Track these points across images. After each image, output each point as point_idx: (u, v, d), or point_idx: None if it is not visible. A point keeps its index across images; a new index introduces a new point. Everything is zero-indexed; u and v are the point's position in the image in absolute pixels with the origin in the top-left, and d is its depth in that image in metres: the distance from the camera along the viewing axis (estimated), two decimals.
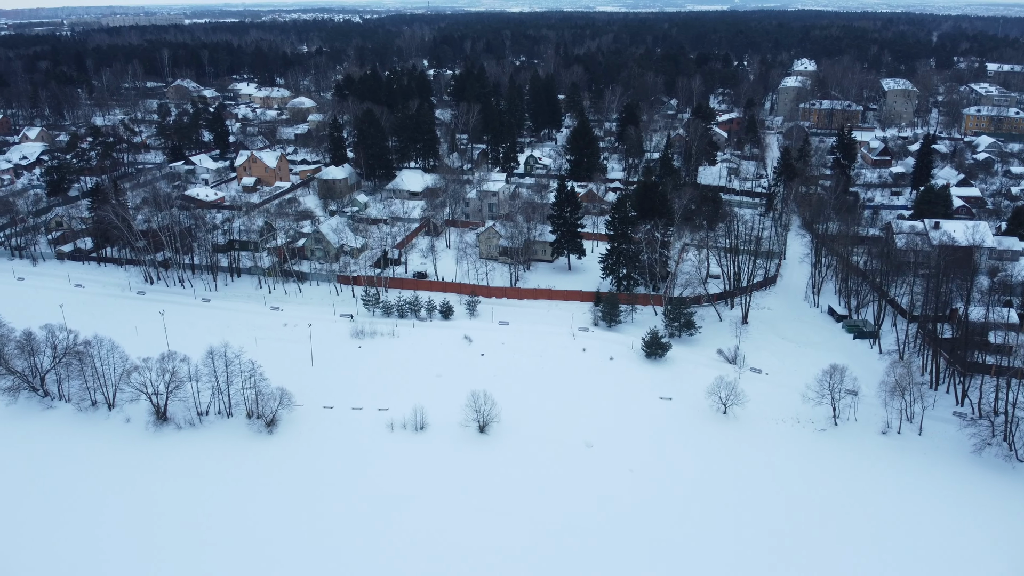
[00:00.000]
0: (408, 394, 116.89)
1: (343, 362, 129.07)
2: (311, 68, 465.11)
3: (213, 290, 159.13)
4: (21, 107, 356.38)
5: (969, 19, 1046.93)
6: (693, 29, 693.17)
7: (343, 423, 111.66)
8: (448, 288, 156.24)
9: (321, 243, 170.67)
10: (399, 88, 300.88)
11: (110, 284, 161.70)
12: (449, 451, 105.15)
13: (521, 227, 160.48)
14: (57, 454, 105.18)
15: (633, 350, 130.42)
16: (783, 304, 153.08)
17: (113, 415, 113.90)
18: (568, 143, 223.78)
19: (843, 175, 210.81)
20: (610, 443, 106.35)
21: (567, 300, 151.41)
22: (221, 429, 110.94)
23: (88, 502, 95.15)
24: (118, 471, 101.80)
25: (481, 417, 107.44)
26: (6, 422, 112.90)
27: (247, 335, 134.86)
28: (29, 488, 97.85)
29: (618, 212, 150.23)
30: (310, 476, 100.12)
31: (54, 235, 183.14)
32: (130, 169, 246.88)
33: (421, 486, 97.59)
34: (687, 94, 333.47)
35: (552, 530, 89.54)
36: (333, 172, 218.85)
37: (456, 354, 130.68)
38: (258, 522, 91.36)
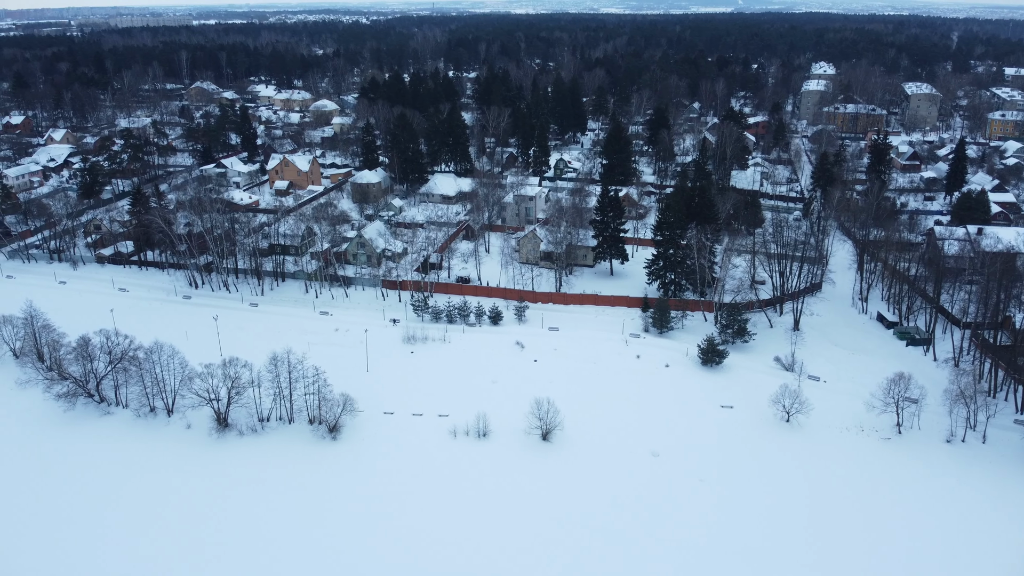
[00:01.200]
0: (466, 400, 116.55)
1: (397, 367, 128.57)
2: (329, 70, 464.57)
3: (260, 294, 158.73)
4: (43, 109, 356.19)
5: (979, 22, 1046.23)
6: (706, 32, 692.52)
7: (405, 429, 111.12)
8: (493, 293, 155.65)
9: (364, 247, 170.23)
10: (426, 91, 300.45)
11: (154, 288, 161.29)
12: (513, 458, 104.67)
13: (564, 232, 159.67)
14: (117, 460, 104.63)
15: (688, 357, 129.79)
16: (831, 310, 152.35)
17: (173, 421, 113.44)
18: (602, 147, 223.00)
19: (879, 180, 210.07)
20: (676, 452, 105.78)
21: (614, 306, 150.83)
22: (284, 435, 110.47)
23: (152, 508, 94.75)
24: (182, 477, 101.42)
25: (544, 424, 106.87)
26: (65, 428, 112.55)
27: (299, 340, 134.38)
28: (91, 494, 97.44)
29: (666, 217, 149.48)
30: (377, 482, 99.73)
31: (92, 238, 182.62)
32: (159, 172, 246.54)
33: (487, 493, 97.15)
34: (710, 97, 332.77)
35: (624, 539, 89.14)
36: (367, 176, 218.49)
37: (509, 360, 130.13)
38: (327, 528, 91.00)
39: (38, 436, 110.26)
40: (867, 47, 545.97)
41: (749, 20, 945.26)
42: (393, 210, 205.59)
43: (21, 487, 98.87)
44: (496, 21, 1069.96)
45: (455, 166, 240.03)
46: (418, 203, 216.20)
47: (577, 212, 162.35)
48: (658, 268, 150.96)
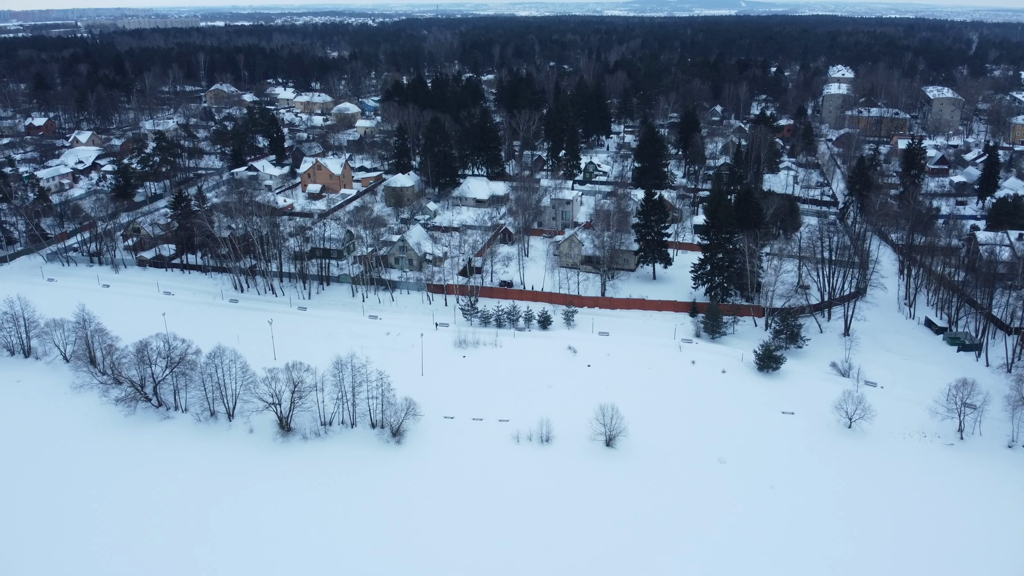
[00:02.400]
0: (524, 405, 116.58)
1: (451, 372, 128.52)
2: (346, 73, 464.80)
3: (307, 298, 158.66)
4: (66, 110, 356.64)
5: (987, 25, 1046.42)
6: (718, 35, 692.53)
7: (467, 434, 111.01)
8: (538, 297, 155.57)
9: (406, 251, 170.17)
10: (453, 95, 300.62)
11: (200, 291, 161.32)
12: (578, 464, 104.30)
13: (605, 235, 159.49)
14: (182, 464, 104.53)
15: (744, 363, 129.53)
16: (878, 315, 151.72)
17: (234, 426, 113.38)
18: (635, 150, 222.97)
19: (913, 185, 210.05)
20: (742, 458, 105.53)
21: (661, 310, 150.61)
22: (348, 439, 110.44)
23: (220, 512, 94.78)
24: (249, 481, 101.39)
25: (609, 430, 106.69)
26: (126, 432, 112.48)
27: (352, 344, 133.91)
28: (157, 497, 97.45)
29: (714, 220, 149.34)
30: (444, 486, 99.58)
31: (131, 241, 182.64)
32: (190, 174, 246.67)
33: (554, 499, 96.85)
34: (733, 101, 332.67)
35: (695, 545, 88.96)
36: (401, 180, 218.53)
37: (562, 365, 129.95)
38: (396, 532, 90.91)
39: (101, 440, 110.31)
40: (882, 50, 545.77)
41: (759, 23, 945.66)
42: (428, 214, 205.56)
43: (89, 491, 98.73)
44: (503, 23, 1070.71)
45: (486, 170, 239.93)
46: (451, 207, 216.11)
47: (623, 215, 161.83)
48: (705, 272, 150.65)
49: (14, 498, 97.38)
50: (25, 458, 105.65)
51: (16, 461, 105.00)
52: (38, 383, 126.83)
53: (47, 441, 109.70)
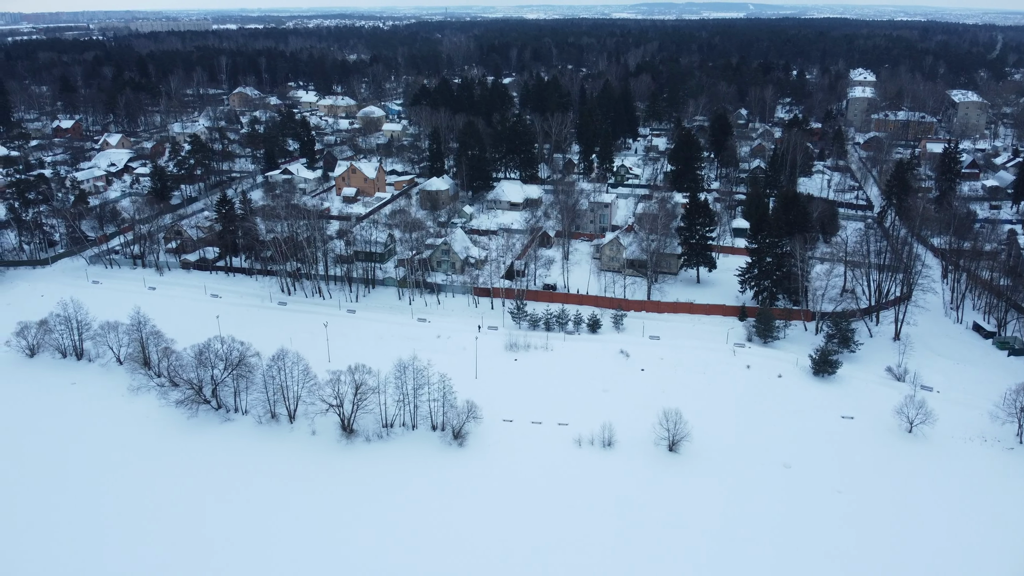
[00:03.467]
0: (581, 409, 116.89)
1: (504, 375, 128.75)
2: (367, 76, 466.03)
3: (354, 301, 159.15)
4: (95, 113, 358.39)
5: (1000, 28, 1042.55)
6: (735, 38, 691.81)
7: (528, 437, 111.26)
8: (583, 301, 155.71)
9: (449, 254, 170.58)
10: (482, 98, 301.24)
11: (247, 294, 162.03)
12: (642, 469, 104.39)
13: (651, 239, 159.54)
14: (246, 466, 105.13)
15: (799, 367, 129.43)
16: (925, 320, 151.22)
17: (296, 427, 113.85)
18: (669, 153, 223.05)
19: (950, 189, 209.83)
20: (806, 463, 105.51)
21: (709, 314, 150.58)
22: (409, 441, 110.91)
23: (287, 514, 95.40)
24: (315, 482, 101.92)
25: (672, 435, 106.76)
26: (189, 434, 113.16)
27: (403, 346, 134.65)
28: (224, 499, 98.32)
29: (762, 225, 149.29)
30: (509, 489, 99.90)
31: (173, 244, 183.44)
32: (223, 177, 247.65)
33: (619, 503, 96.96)
34: (759, 104, 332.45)
35: (765, 550, 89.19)
36: (436, 183, 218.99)
37: (616, 369, 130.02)
38: (465, 535, 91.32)
39: (165, 442, 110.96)
40: (901, 54, 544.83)
41: (773, 25, 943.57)
42: (464, 217, 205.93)
43: (158, 491, 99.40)
44: (515, 26, 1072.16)
45: (518, 173, 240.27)
46: (485, 210, 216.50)
47: (669, 218, 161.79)
48: (753, 276, 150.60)
49: (86, 500, 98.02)
50: (91, 461, 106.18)
51: (82, 464, 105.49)
52: (94, 385, 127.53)
53: (111, 443, 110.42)
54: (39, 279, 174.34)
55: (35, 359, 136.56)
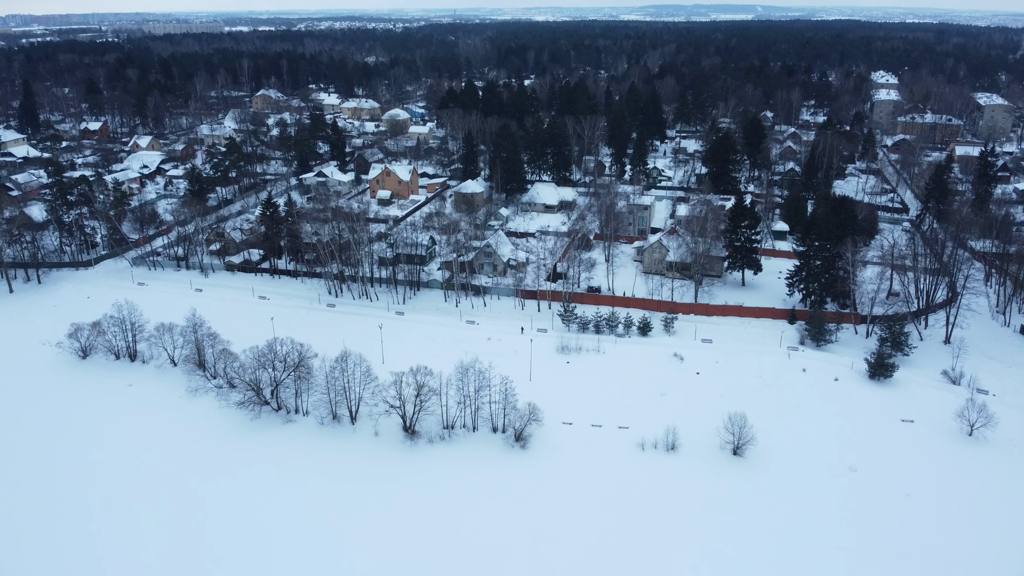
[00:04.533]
0: (641, 413, 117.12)
1: (558, 377, 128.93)
2: (387, 79, 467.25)
3: (401, 303, 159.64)
4: (121, 115, 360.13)
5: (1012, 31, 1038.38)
6: (752, 40, 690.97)
7: (590, 440, 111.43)
8: (630, 303, 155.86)
9: (491, 257, 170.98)
10: (511, 101, 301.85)
11: (294, 296, 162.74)
12: (707, 473, 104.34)
13: (697, 241, 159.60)
14: (311, 467, 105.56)
15: (854, 370, 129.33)
16: (973, 323, 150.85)
17: (358, 428, 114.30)
18: (705, 155, 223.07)
19: (987, 193, 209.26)
20: (872, 466, 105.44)
21: (758, 317, 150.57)
22: (472, 443, 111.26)
23: (354, 516, 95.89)
24: (381, 482, 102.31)
25: (737, 439, 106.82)
26: (253, 435, 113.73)
27: (455, 349, 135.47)
28: (290, 500, 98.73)
29: (811, 228, 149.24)
30: (576, 493, 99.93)
31: (215, 246, 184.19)
32: (256, 179, 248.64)
33: (685, 507, 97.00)
34: (786, 107, 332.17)
35: (834, 554, 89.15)
36: (471, 186, 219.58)
37: (671, 373, 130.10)
38: (532, 538, 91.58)
39: (229, 443, 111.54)
40: (921, 56, 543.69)
41: (788, 27, 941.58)
42: (501, 219, 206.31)
43: (224, 493, 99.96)
44: (529, 29, 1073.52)
45: (552, 175, 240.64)
46: (520, 212, 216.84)
47: (717, 220, 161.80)
48: (802, 279, 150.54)
49: (156, 501, 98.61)
50: (157, 462, 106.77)
51: (149, 466, 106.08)
52: (151, 387, 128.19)
53: (177, 445, 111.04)
54: (83, 281, 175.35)
55: (87, 361, 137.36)
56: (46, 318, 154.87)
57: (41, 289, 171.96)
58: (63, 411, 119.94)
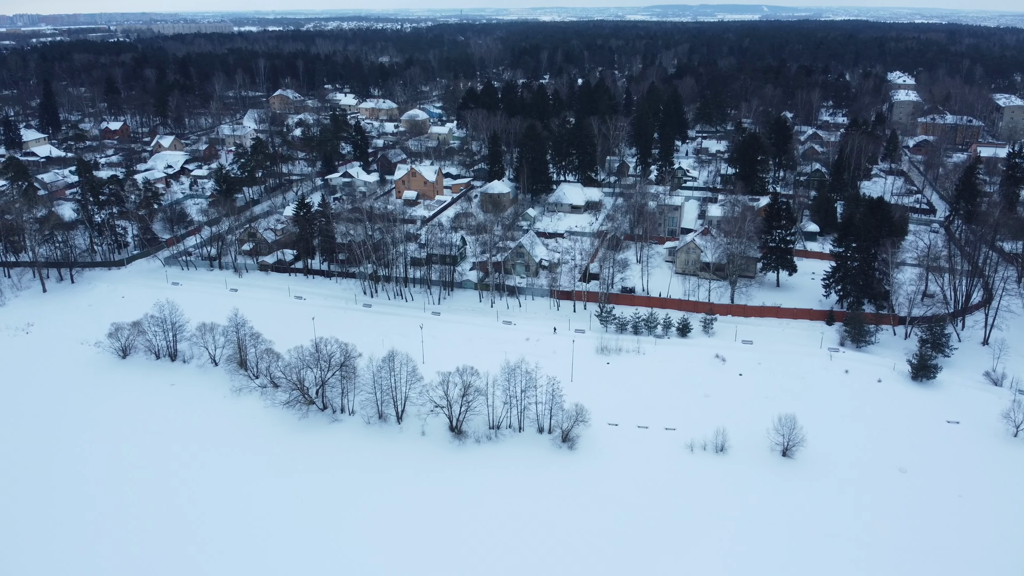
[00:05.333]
0: (686, 414, 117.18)
1: (598, 378, 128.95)
2: (402, 79, 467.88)
3: (436, 303, 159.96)
4: (143, 115, 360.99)
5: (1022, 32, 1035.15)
6: (765, 40, 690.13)
7: (638, 442, 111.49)
8: (667, 304, 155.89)
9: (523, 257, 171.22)
10: (534, 101, 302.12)
11: (330, 296, 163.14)
12: (758, 474, 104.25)
13: (732, 242, 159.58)
14: (361, 466, 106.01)
15: (896, 372, 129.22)
16: (1008, 324, 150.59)
17: (405, 428, 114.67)
18: (733, 155, 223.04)
19: (1014, 194, 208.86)
20: (922, 467, 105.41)
21: (795, 318, 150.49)
22: (518, 443, 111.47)
23: (407, 514, 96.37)
24: (430, 483, 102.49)
25: (787, 440, 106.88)
26: (301, 434, 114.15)
27: (494, 349, 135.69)
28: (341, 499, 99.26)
29: (849, 229, 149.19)
30: (627, 494, 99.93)
31: (247, 246, 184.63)
32: (280, 180, 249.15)
33: (737, 509, 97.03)
34: (806, 107, 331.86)
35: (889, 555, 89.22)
36: (498, 186, 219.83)
37: (713, 374, 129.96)
38: (584, 539, 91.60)
39: (279, 443, 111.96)
40: (936, 57, 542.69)
41: (796, 28, 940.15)
42: (528, 220, 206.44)
43: (276, 493, 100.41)
44: (535, 29, 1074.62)
45: (577, 176, 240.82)
46: (547, 213, 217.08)
47: (753, 221, 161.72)
48: (838, 280, 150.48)
49: (202, 500, 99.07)
50: (207, 462, 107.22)
51: (198, 465, 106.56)
52: (194, 387, 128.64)
53: (226, 444, 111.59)
54: (116, 280, 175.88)
55: (127, 360, 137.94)
56: (82, 318, 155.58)
57: (74, 289, 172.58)
58: (108, 410, 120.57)
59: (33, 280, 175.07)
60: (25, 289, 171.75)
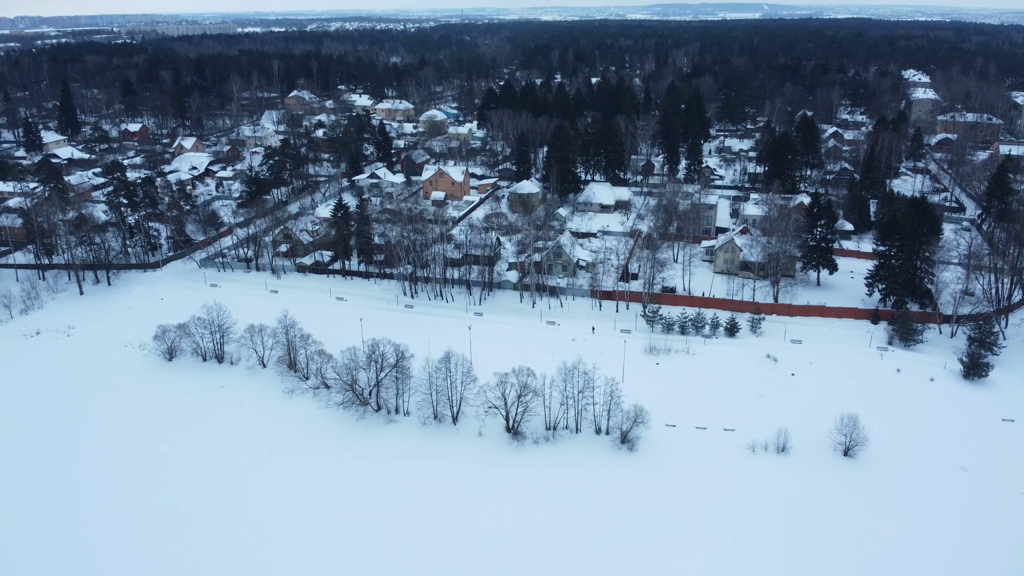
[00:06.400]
0: (744, 414, 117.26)
1: (650, 378, 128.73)
2: (420, 80, 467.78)
3: (477, 304, 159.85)
4: (163, 116, 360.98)
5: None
6: (775, 39, 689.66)
7: (697, 442, 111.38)
8: (710, 304, 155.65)
9: (561, 257, 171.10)
10: (556, 101, 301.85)
11: (371, 297, 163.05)
12: (821, 475, 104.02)
13: (776, 241, 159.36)
14: (422, 469, 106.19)
15: (947, 370, 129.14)
16: None
17: (461, 428, 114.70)
18: (764, 153, 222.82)
19: None
20: (982, 466, 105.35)
21: (840, 317, 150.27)
22: (576, 445, 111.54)
23: (467, 514, 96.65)
24: (491, 485, 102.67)
25: (849, 440, 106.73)
26: (358, 435, 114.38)
27: (540, 350, 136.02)
28: (404, 499, 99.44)
29: (894, 227, 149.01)
30: (692, 496, 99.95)
31: (283, 247, 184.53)
32: (305, 181, 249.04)
33: (801, 510, 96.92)
34: (826, 106, 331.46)
35: (963, 555, 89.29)
36: (527, 186, 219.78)
37: (765, 374, 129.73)
38: (651, 542, 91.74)
39: (339, 443, 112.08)
40: (948, 55, 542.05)
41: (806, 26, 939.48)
42: (559, 220, 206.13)
43: (341, 493, 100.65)
44: (539, 29, 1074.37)
45: (604, 175, 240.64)
46: (576, 212, 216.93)
47: (798, 219, 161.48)
48: (881, 278, 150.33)
49: (267, 500, 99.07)
50: (265, 463, 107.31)
51: (254, 467, 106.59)
52: (244, 389, 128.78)
53: (283, 445, 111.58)
54: (153, 282, 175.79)
55: (174, 363, 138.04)
56: (123, 320, 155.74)
57: (112, 291, 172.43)
58: (161, 413, 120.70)
59: (69, 283, 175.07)
60: (61, 292, 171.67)
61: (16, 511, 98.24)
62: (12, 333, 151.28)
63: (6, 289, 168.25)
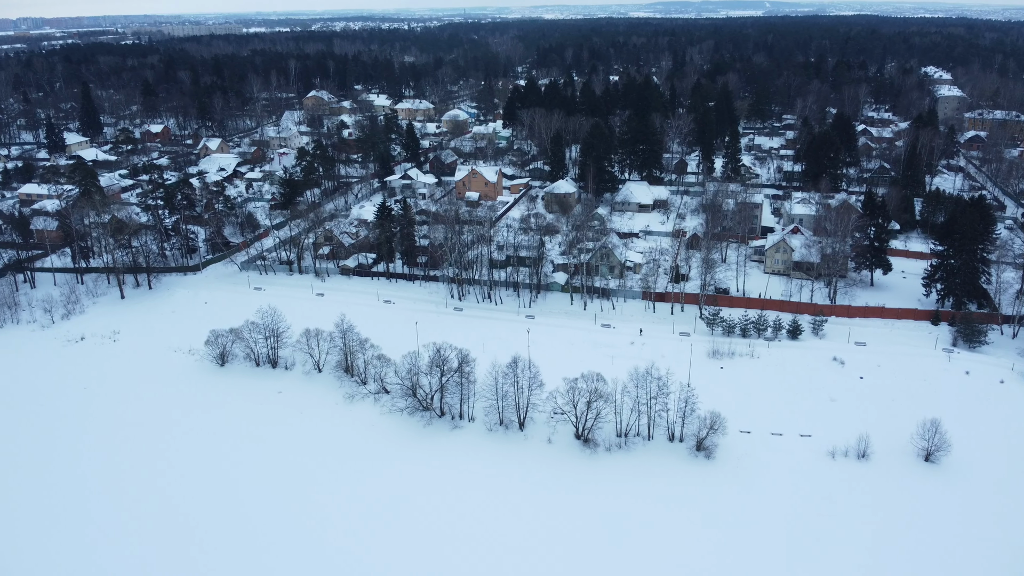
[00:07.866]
0: (818, 419, 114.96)
1: (715, 383, 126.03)
2: (437, 79, 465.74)
3: (527, 306, 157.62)
4: (184, 117, 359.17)
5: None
6: (788, 36, 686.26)
7: (774, 449, 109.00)
8: (767, 305, 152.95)
9: (608, 258, 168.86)
10: (584, 100, 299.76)
11: (419, 300, 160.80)
12: (904, 482, 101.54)
13: (827, 241, 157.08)
14: (494, 476, 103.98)
15: (1015, 372, 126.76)
16: None
17: (528, 435, 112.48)
18: (803, 151, 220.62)
19: None
20: None
21: (899, 318, 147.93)
22: (650, 452, 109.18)
23: (538, 522, 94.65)
24: (565, 494, 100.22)
25: (930, 445, 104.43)
26: (424, 441, 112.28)
27: (600, 353, 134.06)
28: (476, 507, 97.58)
29: (955, 227, 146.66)
30: (777, 506, 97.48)
31: (324, 250, 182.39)
32: (336, 182, 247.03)
33: (888, 518, 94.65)
34: (853, 103, 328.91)
35: None
36: (563, 186, 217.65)
37: (834, 377, 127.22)
38: (737, 552, 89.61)
39: (407, 450, 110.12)
40: (965, 52, 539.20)
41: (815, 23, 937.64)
42: (599, 220, 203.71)
43: (409, 501, 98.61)
44: (548, 27, 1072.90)
45: (640, 174, 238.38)
46: (614, 212, 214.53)
47: (855, 219, 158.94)
48: (939, 278, 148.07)
49: (337, 508, 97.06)
50: (327, 472, 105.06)
51: (319, 476, 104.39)
52: (302, 394, 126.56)
53: (349, 452, 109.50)
54: (195, 286, 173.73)
55: (226, 368, 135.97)
56: (168, 324, 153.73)
57: (153, 295, 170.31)
58: (218, 420, 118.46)
59: (109, 287, 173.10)
60: (102, 296, 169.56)
61: (87, 518, 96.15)
62: (56, 338, 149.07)
63: (46, 293, 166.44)
